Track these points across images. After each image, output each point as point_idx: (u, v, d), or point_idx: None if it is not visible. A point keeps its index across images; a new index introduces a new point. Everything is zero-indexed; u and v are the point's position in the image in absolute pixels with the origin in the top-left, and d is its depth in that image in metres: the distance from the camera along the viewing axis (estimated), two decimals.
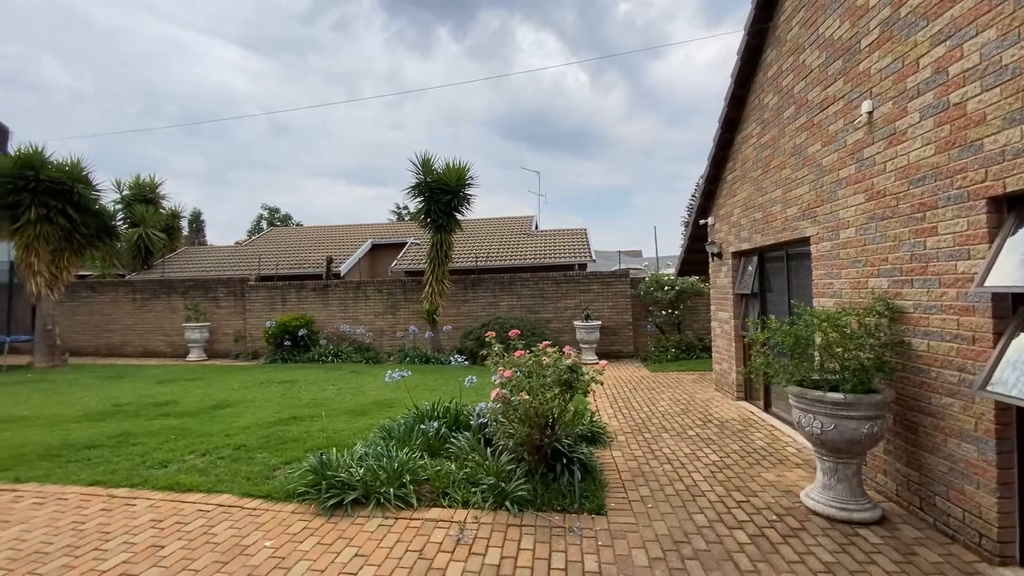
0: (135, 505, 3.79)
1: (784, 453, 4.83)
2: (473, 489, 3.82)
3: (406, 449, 4.40)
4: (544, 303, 12.63)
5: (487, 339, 4.44)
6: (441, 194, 11.64)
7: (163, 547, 3.16)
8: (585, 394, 4.03)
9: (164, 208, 18.66)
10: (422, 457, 4.33)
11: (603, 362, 4.23)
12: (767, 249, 6.22)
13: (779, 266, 6.02)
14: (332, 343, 12.72)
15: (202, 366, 12.08)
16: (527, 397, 3.73)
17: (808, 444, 4.90)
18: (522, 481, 3.83)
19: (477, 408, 4.68)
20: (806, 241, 5.00)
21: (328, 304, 13.43)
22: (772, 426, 5.73)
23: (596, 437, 5.16)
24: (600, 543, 3.18)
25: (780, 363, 3.71)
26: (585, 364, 4.09)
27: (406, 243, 18.82)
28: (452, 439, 4.75)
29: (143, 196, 17.59)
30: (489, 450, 4.34)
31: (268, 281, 14.45)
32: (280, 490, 3.98)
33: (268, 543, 3.20)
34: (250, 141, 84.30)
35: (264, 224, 42.65)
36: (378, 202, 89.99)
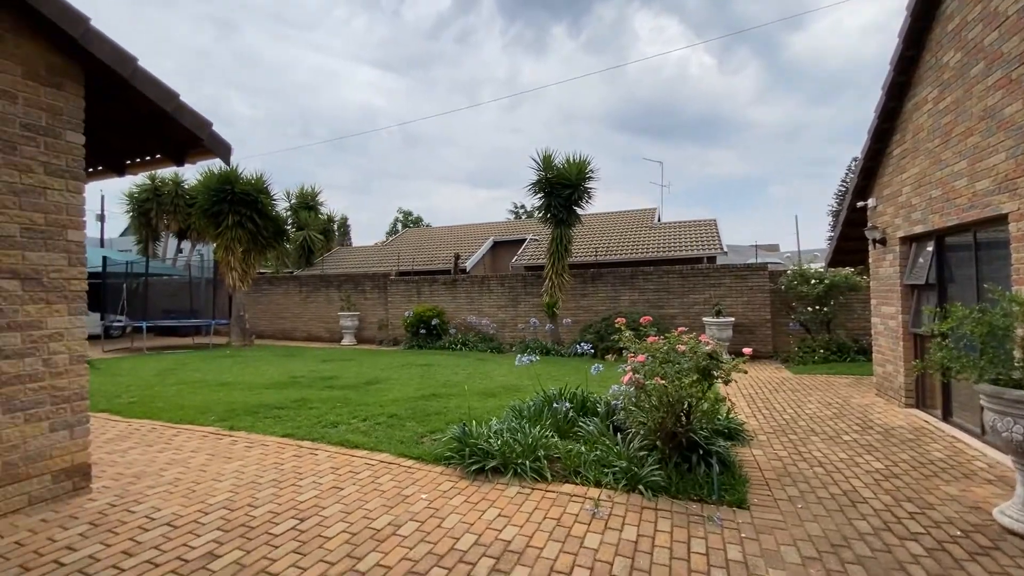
0: (317, 455, 4.53)
1: (970, 467, 4.14)
2: (605, 470, 3.90)
3: (538, 428, 4.63)
4: (669, 298, 12.17)
5: (617, 325, 4.48)
6: (561, 188, 11.82)
7: (342, 489, 3.75)
8: (726, 383, 3.88)
9: (322, 214, 21.54)
10: (552, 437, 4.52)
11: (748, 349, 4.01)
12: (947, 231, 5.34)
13: (964, 253, 5.14)
14: (460, 332, 13.64)
15: (354, 349, 13.76)
16: (662, 383, 3.71)
17: (1002, 459, 4.15)
18: (655, 467, 3.81)
19: (610, 391, 4.72)
20: (1003, 219, 4.22)
21: (456, 297, 14.41)
22: (953, 437, 4.93)
23: (734, 433, 4.91)
24: (744, 535, 3.06)
25: (968, 357, 3.21)
26: None
27: (525, 239, 19.40)
28: (580, 423, 4.88)
29: (306, 204, 20.50)
30: (619, 436, 4.38)
31: (405, 276, 15.95)
32: (429, 454, 4.46)
33: (424, 496, 3.63)
34: (386, 153, 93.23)
35: (400, 226, 46.91)
36: (497, 203, 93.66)
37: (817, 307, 10.33)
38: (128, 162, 4.89)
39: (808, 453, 4.56)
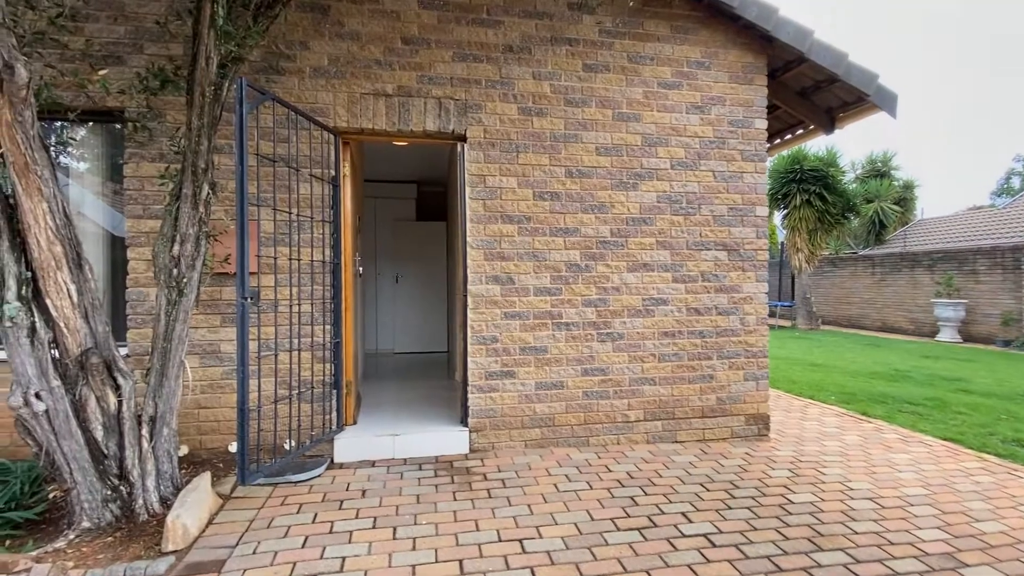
0: (1022, 477, 3.38)
1: None
2: None
3: None
4: None
5: None
6: None
7: None
8: None
9: (896, 180, 17.93)
10: None
11: None
12: None
13: None
14: None
15: (962, 348, 10.57)
16: None
17: None
18: None
19: None
20: None
21: None
22: None
23: None
24: None
25: None
26: None
27: None
28: None
29: (876, 172, 17.60)
30: None
31: None
32: None
33: None
34: (976, 86, 68.33)
35: (1016, 181, 33.03)
36: None
37: None
38: (768, 145, 5.26)
39: None
